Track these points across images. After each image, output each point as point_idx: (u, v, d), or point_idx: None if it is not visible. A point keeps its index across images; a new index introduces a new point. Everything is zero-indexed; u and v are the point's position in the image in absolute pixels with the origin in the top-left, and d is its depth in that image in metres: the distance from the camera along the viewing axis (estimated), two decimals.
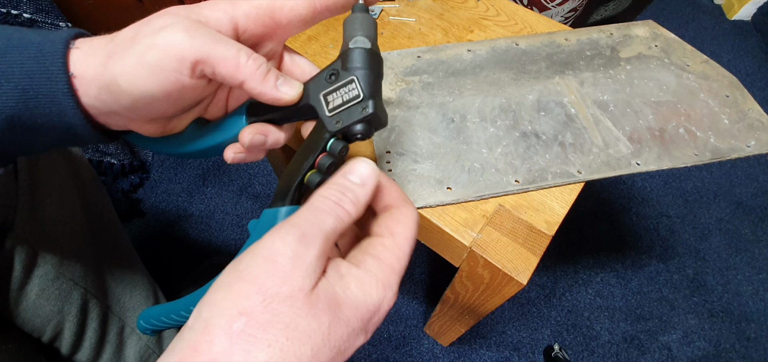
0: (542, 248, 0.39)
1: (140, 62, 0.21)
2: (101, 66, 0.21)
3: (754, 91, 1.30)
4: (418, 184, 0.41)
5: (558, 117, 0.47)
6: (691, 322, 0.88)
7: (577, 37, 0.56)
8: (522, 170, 0.42)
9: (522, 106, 0.48)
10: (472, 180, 0.41)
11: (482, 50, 0.54)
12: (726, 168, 1.10)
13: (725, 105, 0.50)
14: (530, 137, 0.45)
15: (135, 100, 0.22)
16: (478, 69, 0.52)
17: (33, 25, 0.69)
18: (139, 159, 1.02)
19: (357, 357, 0.80)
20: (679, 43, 0.57)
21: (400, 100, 0.48)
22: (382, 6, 0.61)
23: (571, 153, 0.44)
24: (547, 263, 0.93)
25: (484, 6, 0.62)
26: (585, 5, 1.01)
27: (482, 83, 0.50)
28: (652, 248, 0.97)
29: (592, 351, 0.84)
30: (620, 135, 0.46)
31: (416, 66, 0.52)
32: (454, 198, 0.40)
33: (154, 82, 0.21)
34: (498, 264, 0.38)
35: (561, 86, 0.50)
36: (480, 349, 0.82)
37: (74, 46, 0.22)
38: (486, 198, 0.41)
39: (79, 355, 0.47)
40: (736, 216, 1.02)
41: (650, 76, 0.52)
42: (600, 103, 0.49)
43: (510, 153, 0.44)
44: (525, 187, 0.41)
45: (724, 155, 0.45)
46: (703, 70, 0.54)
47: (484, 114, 0.47)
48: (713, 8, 1.56)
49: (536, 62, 0.53)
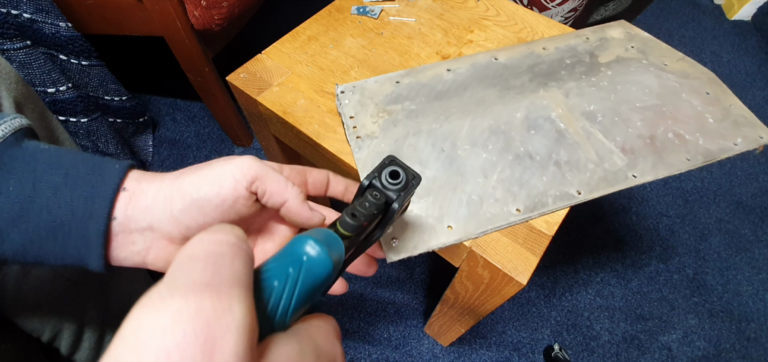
0: (542, 248, 0.39)
1: (211, 171, 0.25)
2: (171, 179, 0.25)
3: (755, 90, 1.30)
4: (416, 226, 0.38)
5: (549, 133, 0.46)
6: (691, 322, 0.87)
7: (554, 44, 0.56)
8: (521, 196, 0.41)
9: (511, 126, 0.46)
10: (472, 213, 0.39)
11: (462, 68, 0.52)
12: (726, 168, 1.10)
13: (708, 103, 0.50)
14: (524, 159, 0.44)
15: (190, 203, 0.24)
16: (461, 89, 0.50)
17: (33, 24, 0.69)
18: (139, 159, 1.02)
19: (357, 357, 0.80)
20: (654, 43, 0.57)
21: (385, 132, 0.46)
22: (382, 6, 0.61)
23: (568, 172, 0.43)
24: (547, 263, 0.93)
25: (484, 6, 0.62)
26: (585, 5, 1.01)
27: (467, 104, 0.48)
28: (652, 248, 0.97)
29: (592, 351, 0.84)
30: (613, 146, 0.45)
31: (396, 92, 0.50)
32: (456, 238, 0.38)
33: (215, 187, 0.24)
34: (498, 264, 0.38)
35: (547, 100, 0.49)
36: (480, 349, 0.82)
37: (124, 188, 0.25)
38: (489, 232, 0.39)
39: (79, 355, 0.47)
40: (736, 216, 1.02)
41: (632, 80, 0.52)
42: (588, 114, 0.48)
43: (506, 179, 0.42)
44: (527, 216, 0.40)
45: (715, 156, 0.45)
46: (681, 68, 0.54)
47: (474, 138, 0.45)
48: (713, 8, 1.56)
49: (519, 76, 0.52)
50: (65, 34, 0.73)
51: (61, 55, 0.76)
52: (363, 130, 0.46)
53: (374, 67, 0.54)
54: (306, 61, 0.54)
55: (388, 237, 0.37)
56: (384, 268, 0.90)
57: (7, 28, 0.68)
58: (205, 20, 0.73)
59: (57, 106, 0.79)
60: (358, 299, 0.86)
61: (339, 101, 0.49)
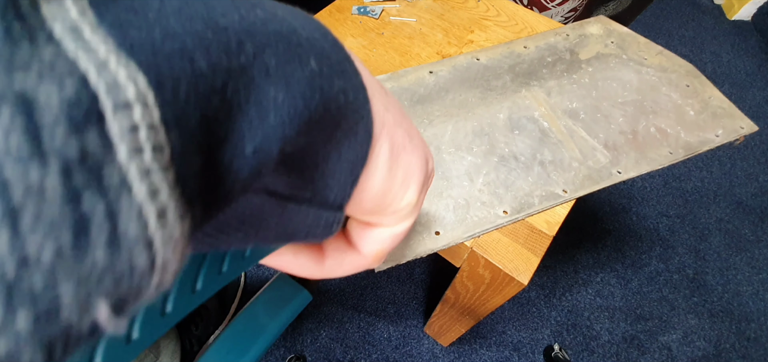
0: (543, 248, 0.39)
1: None
2: None
3: (755, 90, 1.30)
4: None
5: (532, 133, 0.46)
6: (691, 322, 0.88)
7: (535, 43, 0.56)
8: (507, 198, 0.41)
9: (495, 128, 0.46)
10: (460, 218, 0.39)
11: (444, 70, 0.52)
12: (726, 168, 1.11)
13: (687, 96, 0.50)
14: (509, 160, 0.44)
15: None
16: (443, 92, 0.50)
17: None
18: None
19: (357, 357, 0.80)
20: (632, 37, 0.57)
21: None
22: (382, 6, 0.61)
23: (552, 171, 0.43)
24: (547, 263, 0.93)
25: (485, 6, 0.62)
26: (585, 5, 1.01)
27: (450, 107, 0.48)
28: (652, 248, 0.97)
29: (592, 351, 0.84)
30: (596, 143, 0.45)
31: None
32: (444, 243, 0.38)
33: None
34: (499, 264, 0.38)
35: (529, 99, 0.49)
36: (480, 349, 0.82)
37: None
38: (477, 236, 0.39)
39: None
40: (736, 216, 1.02)
41: (612, 76, 0.52)
42: (570, 111, 0.48)
43: (492, 181, 0.42)
44: (514, 218, 0.40)
45: (696, 149, 0.45)
46: (659, 62, 0.54)
47: (458, 142, 0.45)
48: (713, 8, 1.56)
49: (500, 76, 0.52)
50: None
51: None
52: None
53: (375, 67, 0.54)
54: None
55: None
56: (384, 268, 0.90)
57: None
58: None
59: None
60: (358, 299, 0.86)
61: None
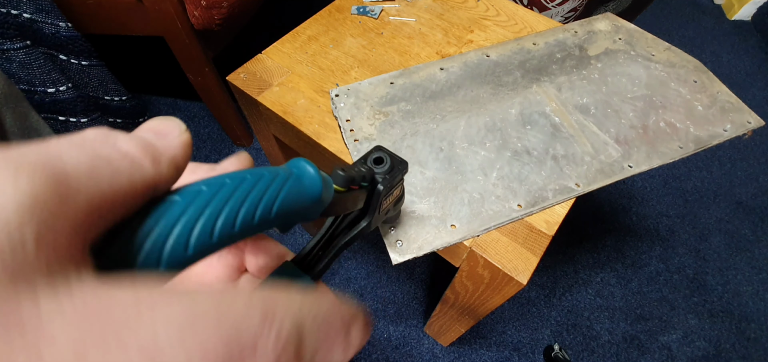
0: (542, 248, 0.39)
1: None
2: None
3: (755, 90, 1.30)
4: (419, 227, 0.39)
5: (544, 128, 0.46)
6: (691, 322, 0.87)
7: (544, 39, 0.56)
8: (521, 192, 0.41)
9: (507, 123, 0.47)
10: (475, 212, 0.40)
11: (455, 67, 0.53)
12: (726, 167, 1.10)
13: (696, 91, 0.50)
14: (522, 155, 0.44)
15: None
16: (455, 88, 0.50)
17: (33, 24, 0.69)
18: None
19: (357, 357, 0.80)
20: (640, 33, 0.58)
21: (382, 134, 0.46)
22: (382, 6, 0.61)
23: (565, 165, 0.43)
24: (547, 263, 0.93)
25: (484, 6, 0.62)
26: (585, 5, 1.01)
27: (462, 102, 0.49)
28: (652, 248, 0.97)
29: (592, 351, 0.84)
30: (607, 138, 0.46)
31: (391, 93, 0.50)
32: (460, 237, 0.38)
33: None
34: (498, 264, 0.38)
35: (540, 95, 0.50)
36: (480, 349, 0.82)
37: None
38: (492, 229, 0.39)
39: None
40: (736, 216, 1.02)
41: (621, 72, 0.52)
42: (581, 107, 0.48)
43: (506, 176, 0.42)
44: (528, 211, 0.40)
45: (706, 143, 0.45)
46: (668, 58, 0.54)
47: (471, 137, 0.45)
48: (713, 8, 1.56)
49: (511, 72, 0.52)
50: (65, 34, 0.73)
51: (61, 55, 0.76)
52: (360, 132, 0.46)
53: (374, 67, 0.54)
54: (306, 61, 0.54)
55: (392, 239, 0.37)
56: (384, 268, 0.90)
57: (7, 28, 0.68)
58: (205, 20, 0.73)
59: (57, 105, 0.79)
60: (358, 299, 0.86)
61: (334, 105, 0.49)
